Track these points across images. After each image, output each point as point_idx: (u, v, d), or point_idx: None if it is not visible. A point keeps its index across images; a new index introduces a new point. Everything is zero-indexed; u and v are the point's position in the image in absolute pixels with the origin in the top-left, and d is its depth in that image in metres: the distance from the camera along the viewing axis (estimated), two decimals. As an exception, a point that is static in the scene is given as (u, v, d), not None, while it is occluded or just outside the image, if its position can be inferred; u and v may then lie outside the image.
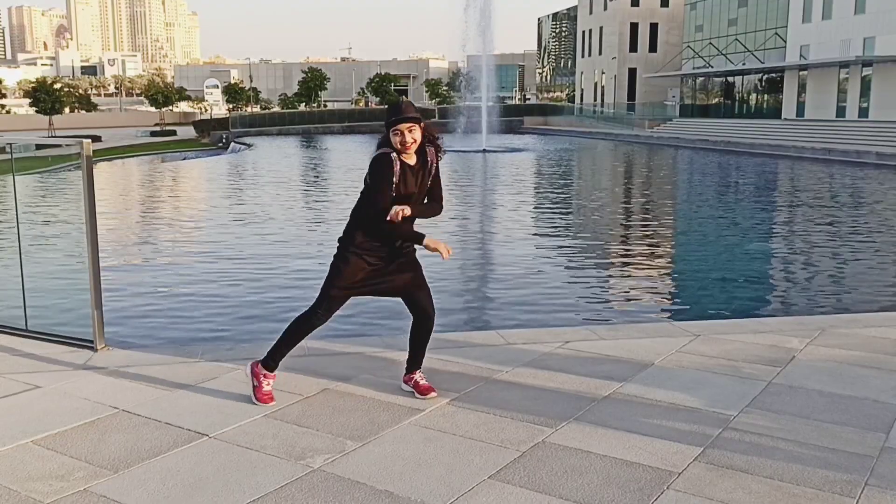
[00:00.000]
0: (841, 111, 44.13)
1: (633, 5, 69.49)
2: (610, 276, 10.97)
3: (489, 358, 5.17)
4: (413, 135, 4.15)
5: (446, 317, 8.18)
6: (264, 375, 4.43)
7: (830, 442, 3.89)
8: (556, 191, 23.45)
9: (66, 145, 6.86)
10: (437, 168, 4.35)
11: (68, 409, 4.29)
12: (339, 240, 4.37)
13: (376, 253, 4.29)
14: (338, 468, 3.60)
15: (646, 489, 3.41)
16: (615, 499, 3.33)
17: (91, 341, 5.33)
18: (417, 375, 4.53)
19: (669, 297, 9.78)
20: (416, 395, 4.47)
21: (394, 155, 4.17)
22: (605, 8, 72.25)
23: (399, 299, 4.49)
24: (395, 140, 4.15)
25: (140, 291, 9.44)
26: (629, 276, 10.91)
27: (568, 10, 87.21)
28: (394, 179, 4.16)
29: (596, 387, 4.65)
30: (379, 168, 4.17)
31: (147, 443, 3.86)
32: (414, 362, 4.56)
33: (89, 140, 5.48)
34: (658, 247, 13.40)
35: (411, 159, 4.24)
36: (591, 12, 75.87)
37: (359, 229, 4.29)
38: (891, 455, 3.75)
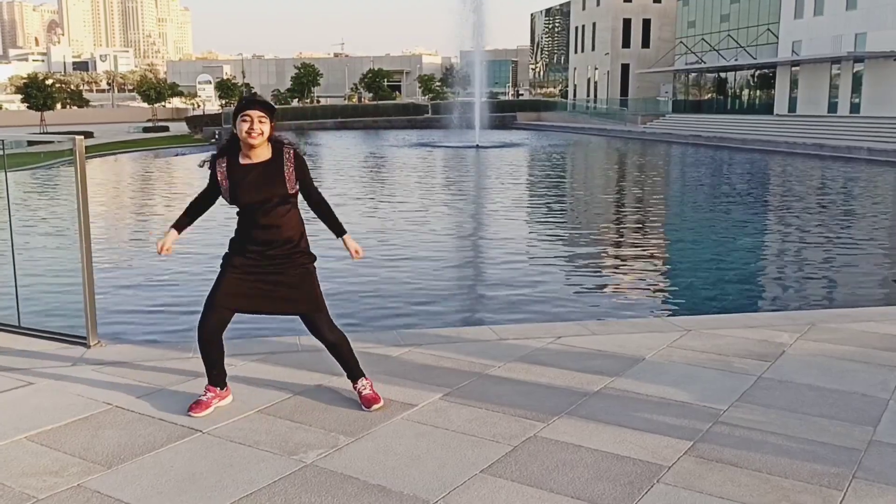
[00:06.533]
0: (832, 107, 44.22)
1: (625, 1, 69.49)
2: (601, 271, 11.01)
3: (481, 353, 5.20)
4: (262, 126, 3.94)
5: (439, 313, 8.21)
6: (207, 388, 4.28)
7: (819, 435, 3.93)
8: (548, 187, 23.45)
9: (59, 141, 6.84)
10: (300, 164, 4.05)
11: (62, 405, 4.30)
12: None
13: (243, 264, 4.08)
14: (331, 463, 3.62)
15: (636, 483, 3.44)
16: (606, 492, 3.36)
17: (84, 337, 5.33)
18: (360, 385, 4.31)
19: (661, 292, 9.81)
20: (362, 406, 4.24)
21: (222, 159, 4.05)
22: (598, 4, 72.19)
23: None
24: (242, 128, 3.93)
25: (133, 287, 9.43)
26: (621, 271, 10.95)
27: (561, 5, 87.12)
28: (221, 181, 4.03)
29: (587, 381, 4.68)
30: (210, 171, 4.12)
31: (140, 438, 3.88)
32: (349, 374, 4.35)
33: (82, 136, 5.48)
34: (649, 242, 13.45)
35: (258, 156, 4.02)
36: (583, 8, 75.81)
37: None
38: (878, 448, 3.79)
